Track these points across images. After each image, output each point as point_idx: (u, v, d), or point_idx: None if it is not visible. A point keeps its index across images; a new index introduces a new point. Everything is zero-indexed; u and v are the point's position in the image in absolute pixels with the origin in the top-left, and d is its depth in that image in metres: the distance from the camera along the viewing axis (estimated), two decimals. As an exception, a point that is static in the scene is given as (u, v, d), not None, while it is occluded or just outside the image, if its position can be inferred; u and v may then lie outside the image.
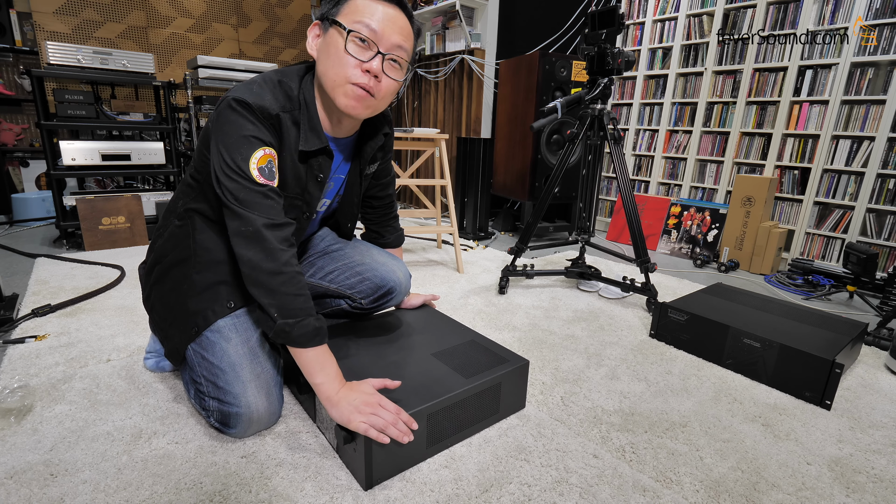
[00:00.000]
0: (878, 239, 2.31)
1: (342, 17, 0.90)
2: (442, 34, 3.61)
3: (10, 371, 1.21)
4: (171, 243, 1.02)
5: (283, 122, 0.93)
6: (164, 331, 1.05)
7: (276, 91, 0.93)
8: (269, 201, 0.88)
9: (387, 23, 0.91)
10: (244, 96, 0.88)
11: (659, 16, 2.99)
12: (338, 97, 0.93)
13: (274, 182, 0.91)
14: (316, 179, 1.02)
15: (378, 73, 0.92)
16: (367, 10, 0.90)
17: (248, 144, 0.87)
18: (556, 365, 1.36)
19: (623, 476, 0.92)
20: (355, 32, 0.89)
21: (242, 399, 0.94)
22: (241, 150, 0.87)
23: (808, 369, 1.21)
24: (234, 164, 0.86)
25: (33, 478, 0.85)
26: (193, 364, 1.01)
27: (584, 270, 2.02)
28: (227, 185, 0.87)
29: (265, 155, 0.89)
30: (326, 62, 0.93)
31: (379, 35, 0.90)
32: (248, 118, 0.88)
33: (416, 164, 2.53)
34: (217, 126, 0.89)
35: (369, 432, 0.81)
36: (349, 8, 0.91)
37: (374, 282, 1.21)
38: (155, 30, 3.47)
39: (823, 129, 2.40)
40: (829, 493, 0.90)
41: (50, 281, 1.90)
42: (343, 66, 0.91)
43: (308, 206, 1.05)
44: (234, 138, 0.87)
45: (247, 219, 0.87)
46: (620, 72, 1.75)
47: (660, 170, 3.11)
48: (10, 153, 3.38)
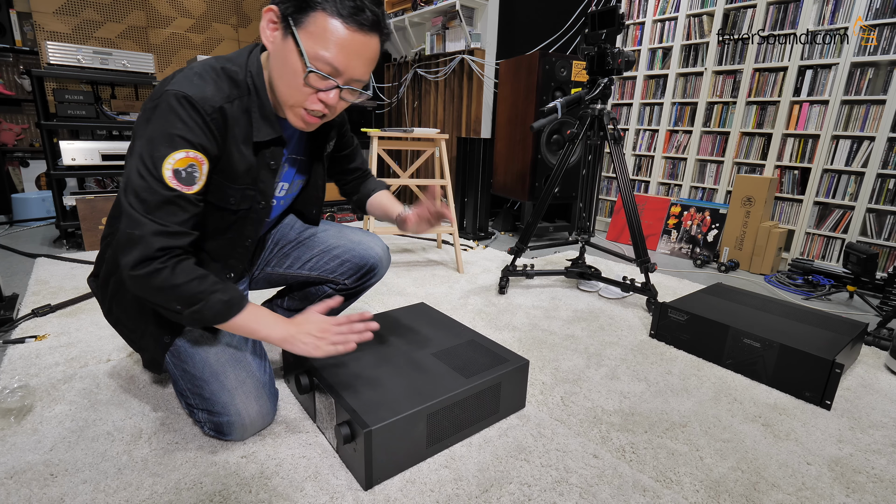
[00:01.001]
0: (878, 239, 2.31)
1: (305, 38, 0.80)
2: (442, 34, 3.61)
3: (10, 371, 1.21)
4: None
5: (229, 113, 0.86)
6: (136, 343, 1.02)
7: (220, 80, 0.86)
8: (171, 207, 0.81)
9: (354, 57, 0.82)
10: (185, 90, 0.81)
11: (659, 16, 2.99)
12: (288, 114, 0.89)
13: (191, 188, 0.83)
14: (268, 167, 0.97)
15: (334, 105, 0.87)
16: (336, 38, 0.79)
17: (169, 143, 0.80)
18: (556, 365, 1.36)
19: (623, 476, 0.92)
20: (316, 73, 0.81)
21: (231, 407, 0.93)
22: (160, 147, 0.80)
23: (808, 369, 1.21)
24: (149, 160, 0.80)
25: (33, 478, 0.85)
26: (176, 378, 0.99)
27: (584, 270, 2.02)
28: (135, 181, 0.80)
29: (186, 158, 0.81)
30: (279, 73, 0.85)
31: (342, 71, 0.83)
32: (181, 116, 0.81)
33: (416, 164, 2.53)
34: (147, 118, 0.82)
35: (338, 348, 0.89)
36: (316, 25, 0.79)
37: (355, 262, 1.20)
38: (155, 30, 3.47)
39: (823, 129, 2.40)
40: (829, 493, 0.90)
41: (50, 281, 1.90)
42: (297, 91, 0.85)
43: (263, 195, 0.99)
44: (158, 133, 0.80)
45: (138, 222, 0.79)
46: (620, 72, 1.75)
47: (660, 170, 3.11)
48: (10, 153, 3.38)
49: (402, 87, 4.10)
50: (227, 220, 0.96)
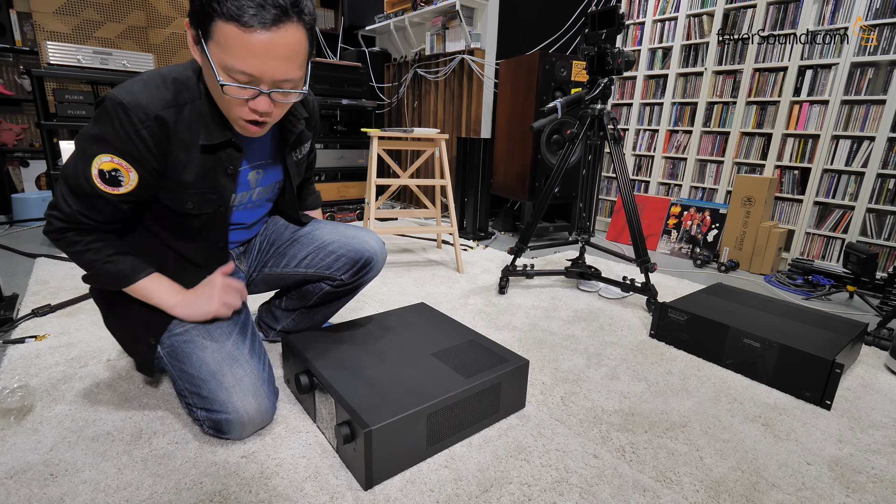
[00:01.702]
0: (878, 239, 2.31)
1: (214, 50, 0.78)
2: (442, 34, 3.61)
3: (10, 371, 1.21)
4: None
5: (169, 120, 0.87)
6: (130, 347, 1.06)
7: (164, 87, 0.87)
8: (92, 201, 0.89)
9: (265, 59, 0.77)
10: (122, 97, 0.83)
11: (659, 16, 2.99)
12: (233, 124, 0.91)
13: (116, 190, 0.88)
14: (226, 172, 0.97)
15: (268, 110, 0.85)
16: (240, 44, 0.75)
17: (99, 145, 0.86)
18: (556, 365, 1.36)
19: (623, 476, 0.92)
20: (230, 86, 0.79)
21: (229, 405, 0.93)
22: (91, 146, 0.86)
23: (808, 369, 1.21)
24: (82, 156, 0.87)
25: (33, 478, 0.85)
26: (174, 378, 1.01)
27: (584, 270, 2.02)
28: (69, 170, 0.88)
29: (111, 162, 0.86)
30: (209, 87, 0.87)
31: (259, 76, 0.79)
32: (112, 123, 0.84)
33: (416, 164, 2.53)
34: (93, 117, 0.88)
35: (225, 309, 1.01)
36: (219, 35, 0.76)
37: (350, 256, 1.20)
38: (155, 30, 3.47)
39: (823, 129, 2.40)
40: (829, 493, 0.90)
41: (50, 281, 1.90)
42: (226, 104, 0.86)
43: (222, 200, 0.99)
44: (92, 134, 0.86)
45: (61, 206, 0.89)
46: (620, 72, 1.75)
47: (660, 170, 3.11)
48: (10, 153, 3.38)
49: (402, 87, 4.10)
50: (192, 224, 0.99)
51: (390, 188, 2.79)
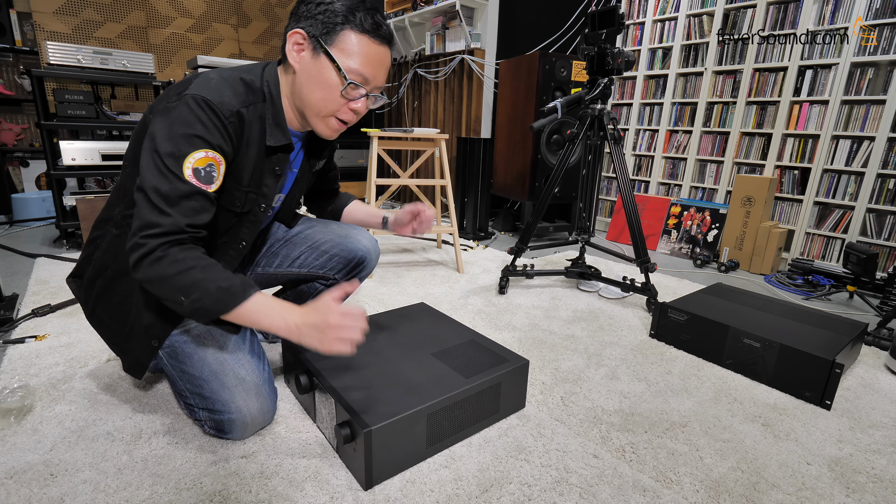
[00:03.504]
0: (878, 239, 2.31)
1: (338, 54, 0.89)
2: (442, 34, 3.61)
3: (10, 371, 1.21)
4: (111, 254, 0.97)
5: (246, 117, 0.90)
6: (119, 346, 1.01)
7: (237, 86, 0.90)
8: (191, 202, 0.83)
9: (379, 67, 0.94)
10: (204, 93, 0.84)
11: (659, 16, 2.99)
12: (317, 124, 0.96)
13: (209, 187, 0.85)
14: (273, 172, 1.00)
15: (363, 112, 0.97)
16: (364, 53, 0.91)
17: (189, 143, 0.82)
18: (556, 365, 1.36)
19: (623, 476, 0.92)
20: (353, 84, 0.91)
21: (232, 405, 0.93)
22: (180, 146, 0.82)
23: (808, 369, 1.21)
24: (169, 158, 0.81)
25: (33, 478, 0.85)
26: (174, 379, 0.99)
27: (584, 270, 2.02)
28: (151, 178, 0.81)
29: (206, 157, 0.84)
30: (311, 87, 0.92)
31: (370, 80, 0.94)
32: (200, 118, 0.83)
33: (416, 164, 2.53)
34: (163, 119, 0.84)
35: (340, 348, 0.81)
36: (345, 42, 0.90)
37: (343, 255, 1.21)
38: (155, 30, 3.47)
39: (823, 129, 2.40)
40: (829, 493, 0.90)
41: (50, 281, 1.90)
42: (332, 102, 0.93)
43: (265, 199, 1.01)
44: (178, 133, 0.82)
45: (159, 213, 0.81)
46: (620, 72, 1.75)
47: (660, 170, 3.11)
48: (10, 153, 3.38)
49: (402, 87, 4.10)
50: (228, 222, 0.98)
51: (390, 188, 2.79)
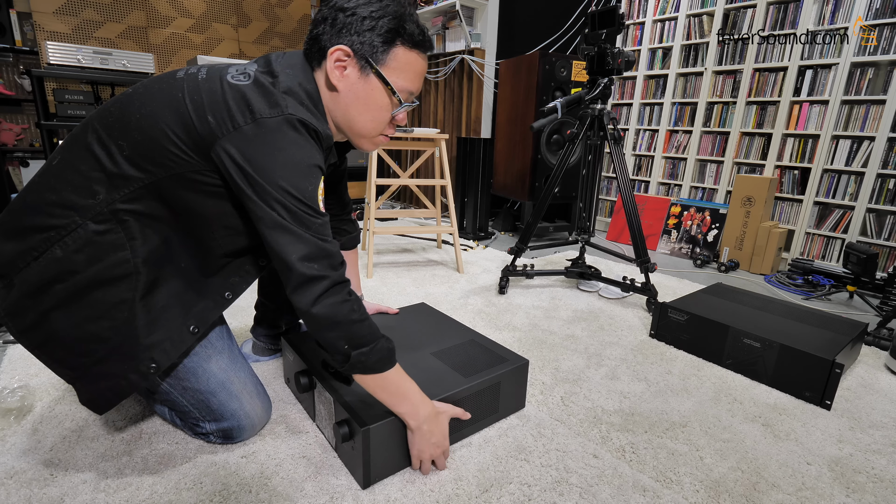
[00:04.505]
0: (878, 239, 2.31)
1: (389, 73, 0.84)
2: (442, 34, 3.61)
3: (10, 371, 1.21)
4: (86, 255, 0.77)
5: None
6: (82, 370, 0.81)
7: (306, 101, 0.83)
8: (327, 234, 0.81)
9: (422, 79, 0.92)
10: (298, 115, 0.78)
11: (659, 16, 2.99)
12: (361, 142, 0.93)
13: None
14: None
15: (405, 122, 0.95)
16: (414, 69, 0.88)
17: (314, 175, 0.79)
18: (556, 365, 1.36)
19: (623, 476, 0.92)
20: (407, 106, 0.89)
21: (241, 412, 0.93)
22: (309, 179, 0.78)
23: (808, 369, 1.21)
24: (299, 194, 0.76)
25: (33, 478, 0.85)
26: (173, 399, 0.92)
27: (584, 270, 2.02)
28: (285, 213, 0.76)
29: (321, 184, 0.82)
30: (359, 110, 0.87)
31: (415, 92, 0.91)
32: (309, 141, 0.79)
33: (416, 164, 2.53)
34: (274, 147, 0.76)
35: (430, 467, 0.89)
36: (397, 62, 0.85)
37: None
38: (155, 30, 3.47)
39: (823, 129, 2.40)
40: (829, 493, 0.90)
41: (50, 281, 1.90)
42: (383, 123, 0.90)
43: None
44: (302, 165, 0.78)
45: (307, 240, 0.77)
46: (620, 72, 1.75)
47: (660, 170, 3.11)
48: (10, 153, 3.38)
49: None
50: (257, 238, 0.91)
51: (390, 188, 2.79)
